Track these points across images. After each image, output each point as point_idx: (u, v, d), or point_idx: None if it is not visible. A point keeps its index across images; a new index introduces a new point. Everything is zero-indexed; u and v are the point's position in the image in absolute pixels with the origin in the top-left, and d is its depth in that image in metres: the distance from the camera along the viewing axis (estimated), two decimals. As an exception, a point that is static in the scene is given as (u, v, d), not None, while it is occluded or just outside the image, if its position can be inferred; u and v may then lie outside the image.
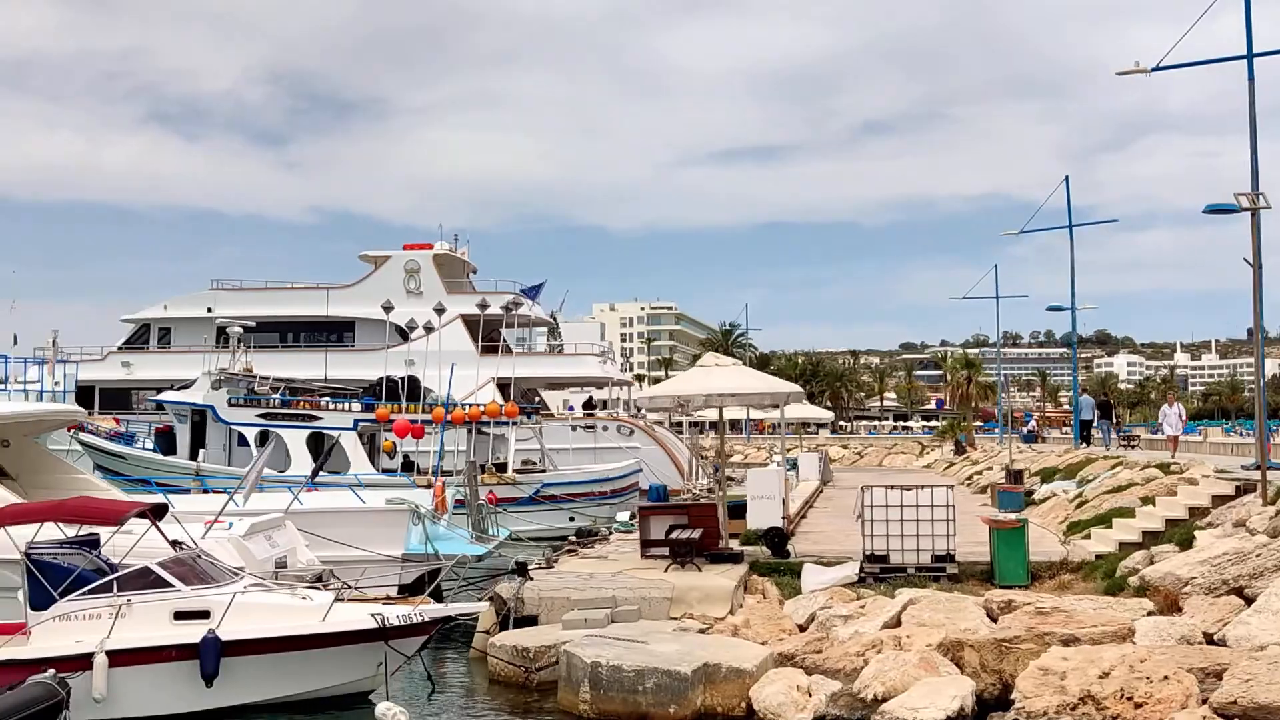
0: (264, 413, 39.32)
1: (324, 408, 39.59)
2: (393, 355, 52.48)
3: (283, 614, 13.93)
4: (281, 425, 39.11)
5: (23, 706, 11.80)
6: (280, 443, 38.51)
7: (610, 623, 16.10)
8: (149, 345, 55.08)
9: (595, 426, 50.01)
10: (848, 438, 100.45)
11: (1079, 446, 42.72)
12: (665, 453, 49.06)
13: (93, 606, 13.40)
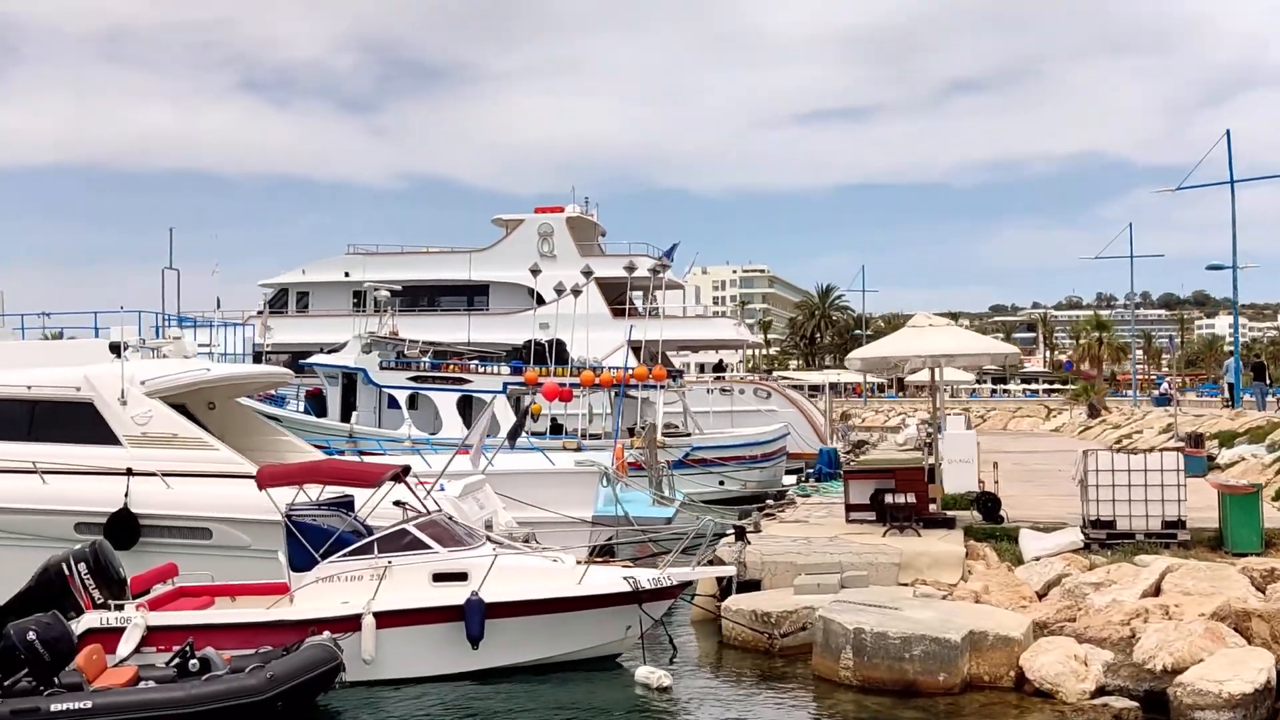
0: (414, 376, 39.58)
1: (473, 371, 39.72)
2: (529, 319, 52.77)
3: (538, 576, 13.84)
4: (432, 388, 39.36)
5: (308, 668, 11.84)
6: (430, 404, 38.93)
7: (841, 588, 15.78)
8: (288, 309, 55.87)
9: (731, 390, 49.56)
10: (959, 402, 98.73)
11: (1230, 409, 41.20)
12: (802, 416, 48.44)
13: (354, 568, 13.42)
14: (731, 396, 49.28)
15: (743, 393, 49.58)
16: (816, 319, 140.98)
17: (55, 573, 13.43)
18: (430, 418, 39.14)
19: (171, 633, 12.90)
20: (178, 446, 17.74)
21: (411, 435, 34.77)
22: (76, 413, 17.84)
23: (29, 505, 17.09)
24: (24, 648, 11.50)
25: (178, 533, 17.10)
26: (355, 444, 34.82)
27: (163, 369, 18.80)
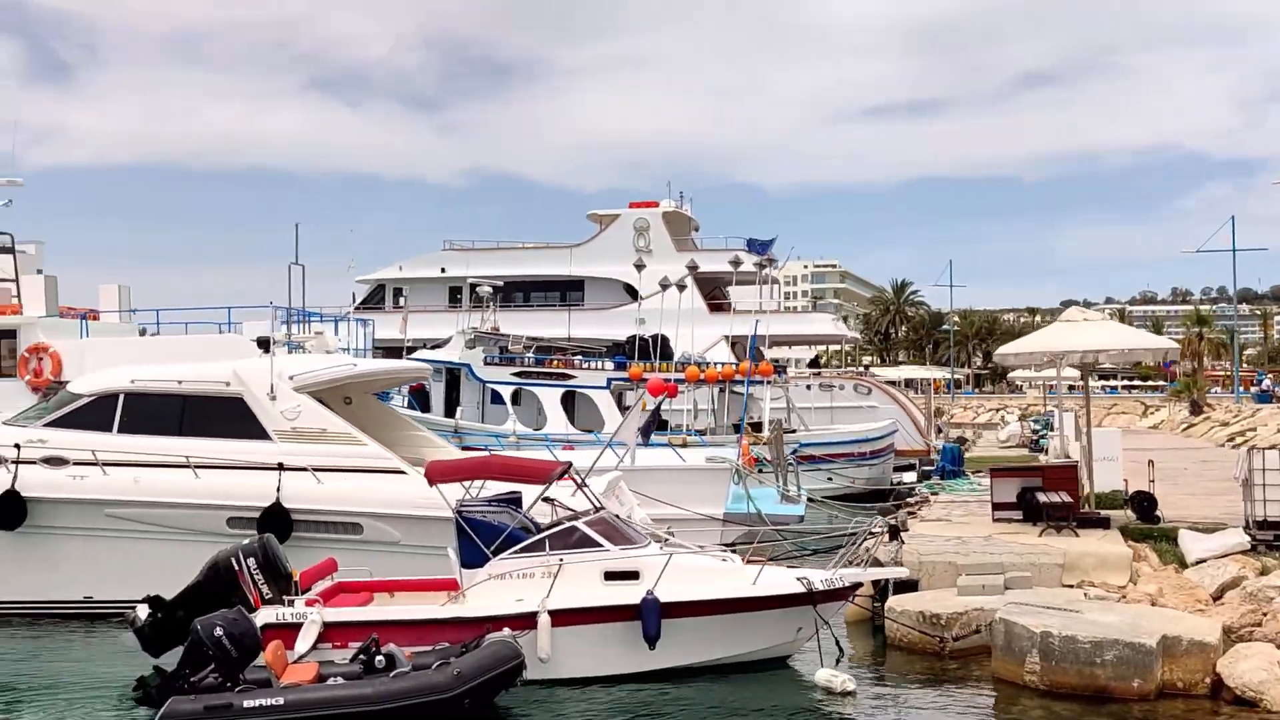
0: (519, 371, 39.53)
1: (577, 366, 39.61)
2: (624, 314, 52.64)
3: (710, 576, 13.58)
4: (536, 384, 39.29)
5: (493, 665, 11.70)
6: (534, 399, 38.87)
7: (1005, 589, 15.34)
8: (384, 305, 56.29)
9: (831, 385, 48.99)
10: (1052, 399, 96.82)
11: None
12: (904, 412, 47.75)
13: (526, 565, 13.26)
14: (831, 392, 48.70)
15: (842, 388, 48.97)
16: (891, 314, 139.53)
17: (225, 567, 13.46)
18: (533, 413, 39.10)
19: (347, 629, 12.83)
20: (327, 441, 17.75)
21: (516, 431, 34.74)
22: (226, 407, 17.93)
23: (182, 499, 17.21)
24: (211, 643, 11.50)
25: (329, 528, 17.12)
26: (460, 440, 34.93)
27: (310, 364, 18.86)
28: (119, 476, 17.31)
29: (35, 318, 24.65)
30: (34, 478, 17.27)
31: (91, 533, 17.36)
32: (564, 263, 53.90)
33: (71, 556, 17.42)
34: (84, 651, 15.96)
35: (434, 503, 17.17)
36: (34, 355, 24.34)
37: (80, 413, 18.02)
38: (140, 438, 17.73)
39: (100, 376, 18.54)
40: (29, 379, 24.35)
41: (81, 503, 17.27)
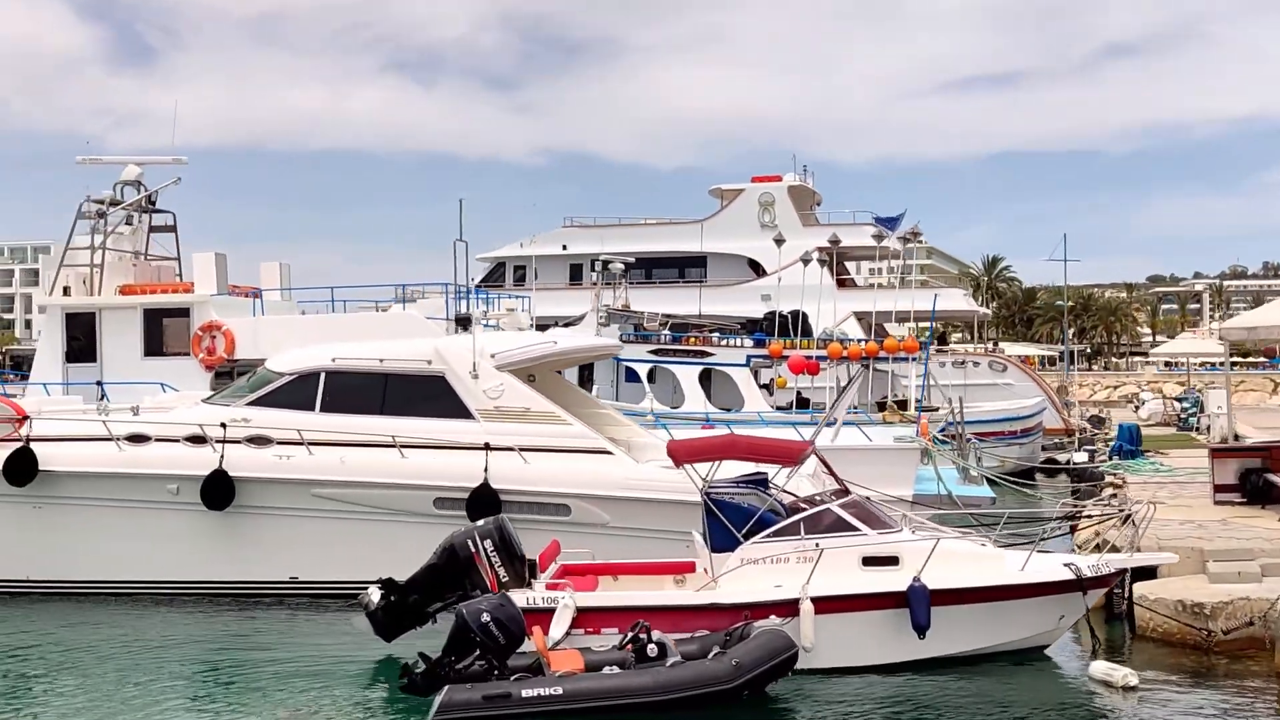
0: (655, 349, 39.14)
1: (715, 343, 39.06)
2: (749, 290, 51.95)
3: (971, 562, 12.94)
4: (673, 361, 38.83)
5: (770, 655, 11.20)
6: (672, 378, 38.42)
7: (1263, 576, 14.49)
8: (504, 282, 56.23)
9: (966, 363, 47.85)
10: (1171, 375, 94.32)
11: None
12: (1041, 390, 46.46)
13: (780, 550, 12.73)
14: (965, 370, 47.55)
15: (977, 365, 47.81)
16: (983, 290, 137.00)
17: (462, 550, 13.12)
18: (669, 391, 38.65)
19: (600, 614, 12.42)
20: (530, 421, 17.39)
21: (654, 409, 34.28)
22: (428, 386, 17.64)
23: (389, 480, 16.97)
24: (479, 630, 11.15)
25: (536, 509, 16.75)
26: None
27: (511, 342, 18.49)
28: (325, 456, 17.13)
29: (208, 295, 24.68)
30: (240, 457, 17.16)
31: (297, 513, 17.21)
32: (686, 238, 53.31)
33: (277, 537, 17.29)
34: (309, 632, 15.82)
35: (643, 484, 16.86)
36: (207, 333, 24.36)
37: (281, 391, 17.87)
38: (342, 416, 17.52)
39: (301, 355, 18.37)
40: (202, 357, 24.39)
41: (288, 482, 17.12)
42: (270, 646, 15.07)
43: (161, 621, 16.58)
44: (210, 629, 16.19)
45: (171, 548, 17.44)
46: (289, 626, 16.28)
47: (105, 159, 26.39)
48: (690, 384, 38.34)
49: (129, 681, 13.53)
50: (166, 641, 15.49)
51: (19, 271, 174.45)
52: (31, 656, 14.79)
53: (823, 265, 38.76)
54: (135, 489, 17.35)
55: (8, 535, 17.63)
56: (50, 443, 17.47)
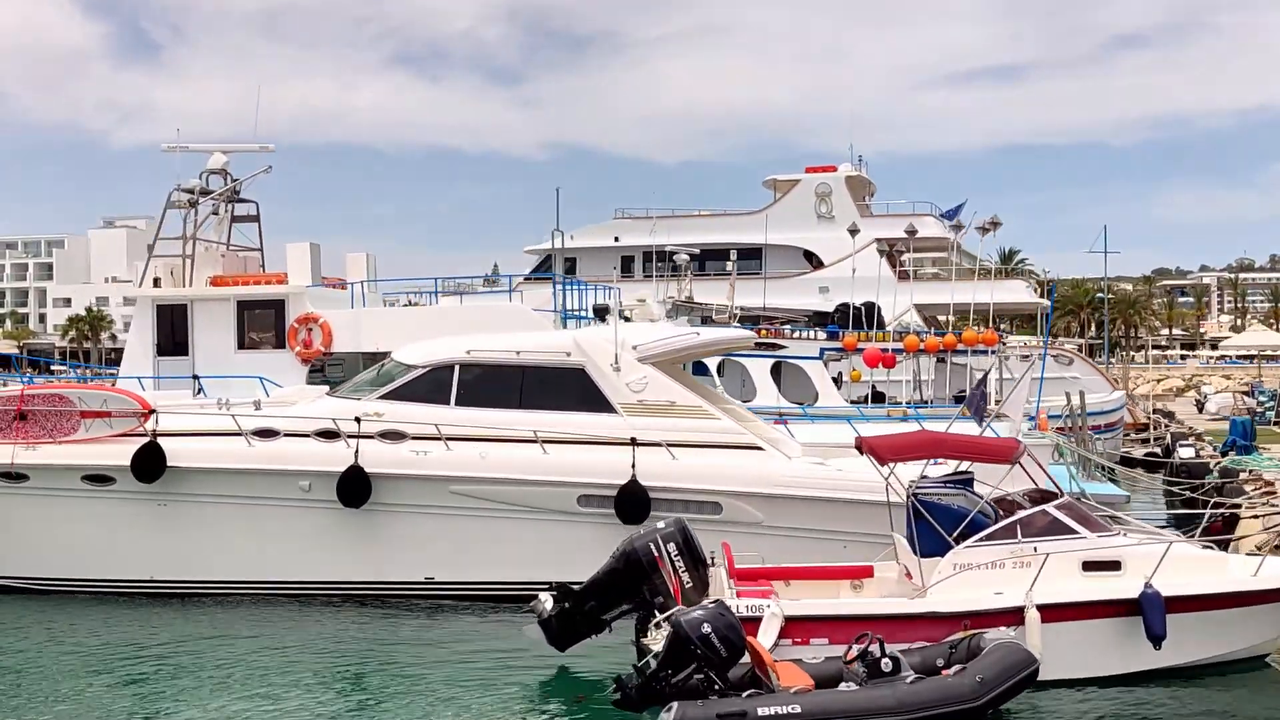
0: (726, 341, 38.30)
1: (788, 335, 38.30)
2: (805, 282, 51.17)
3: (1196, 566, 12.22)
4: (744, 354, 38.04)
5: (1013, 671, 10.47)
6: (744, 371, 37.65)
7: None
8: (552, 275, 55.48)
9: (1030, 355, 46.98)
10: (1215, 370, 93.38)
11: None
12: (1108, 384, 45.64)
13: (995, 555, 12.02)
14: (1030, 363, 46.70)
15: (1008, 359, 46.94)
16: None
17: (645, 554, 12.46)
18: (738, 384, 37.89)
19: (808, 623, 11.72)
20: (676, 415, 16.70)
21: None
22: (567, 379, 16.96)
23: (532, 476, 16.28)
24: (699, 641, 10.44)
25: (686, 507, 16.01)
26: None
27: (653, 333, 17.80)
28: (464, 452, 16.44)
29: (303, 287, 23.97)
30: (376, 453, 16.47)
31: (434, 510, 16.54)
32: (740, 230, 52.46)
33: (412, 535, 16.62)
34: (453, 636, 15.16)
35: (798, 481, 16.16)
36: (303, 326, 23.67)
37: (414, 385, 17.18)
38: (478, 411, 16.83)
39: (433, 347, 17.68)
40: (298, 350, 23.72)
41: (425, 479, 16.43)
42: (415, 652, 14.45)
43: (290, 623, 15.94)
44: (344, 632, 15.53)
45: (301, 547, 16.78)
46: (426, 629, 15.63)
47: (192, 146, 25.65)
48: (761, 377, 37.52)
49: (258, 687, 13.02)
50: (297, 645, 14.91)
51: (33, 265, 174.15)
52: (157, 660, 14.21)
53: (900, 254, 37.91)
54: (265, 486, 16.68)
55: (131, 534, 16.98)
56: (176, 438, 16.79)
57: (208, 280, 24.33)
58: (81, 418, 16.92)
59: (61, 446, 16.90)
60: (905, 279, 49.52)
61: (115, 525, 16.96)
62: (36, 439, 16.91)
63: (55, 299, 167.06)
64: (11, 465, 16.76)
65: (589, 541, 16.19)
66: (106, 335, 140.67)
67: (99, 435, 16.94)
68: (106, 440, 16.90)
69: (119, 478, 16.74)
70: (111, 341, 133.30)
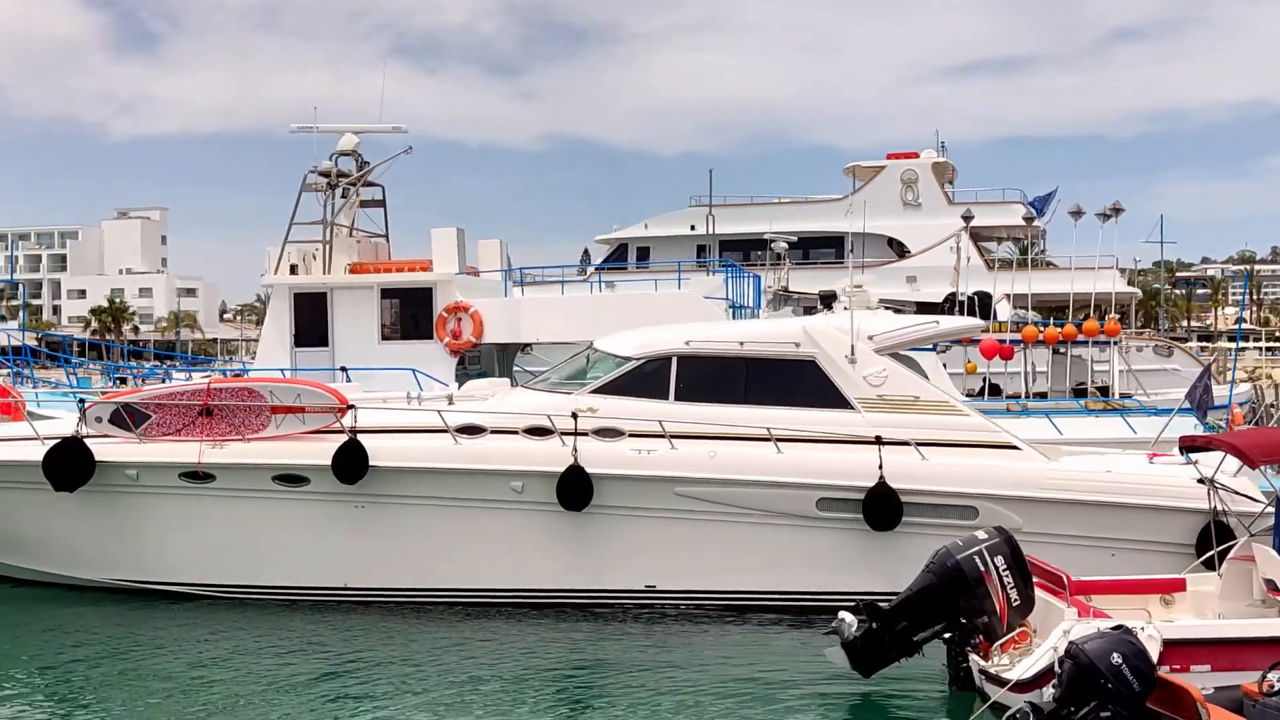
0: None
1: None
2: (890, 272, 49.87)
3: None
4: (853, 345, 36.82)
5: None
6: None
7: None
8: (627, 265, 54.31)
9: (1129, 347, 45.65)
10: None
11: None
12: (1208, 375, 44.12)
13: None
14: (1130, 354, 45.40)
15: (1141, 350, 45.63)
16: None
17: (969, 568, 11.22)
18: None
19: (1185, 648, 10.45)
20: (919, 411, 15.45)
21: None
22: (796, 372, 15.70)
23: (768, 478, 15.03)
24: (1109, 673, 9.16)
25: (939, 512, 14.83)
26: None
27: (889, 322, 16.57)
28: (691, 450, 15.19)
29: (451, 274, 22.73)
30: (596, 452, 15.23)
31: (656, 514, 15.29)
32: (820, 218, 51.20)
33: (632, 540, 15.39)
34: (686, 650, 13.98)
35: (1063, 483, 14.93)
36: (452, 315, 22.43)
37: (628, 378, 15.94)
38: (699, 406, 15.59)
39: (647, 337, 16.44)
40: (447, 341, 22.48)
41: (649, 480, 15.18)
42: (676, 671, 13.22)
43: (497, 634, 14.74)
44: (561, 644, 14.39)
45: (511, 553, 15.55)
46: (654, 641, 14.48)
47: (321, 127, 24.44)
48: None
49: (465, 703, 12.02)
50: (507, 658, 13.74)
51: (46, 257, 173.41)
52: (354, 673, 13.10)
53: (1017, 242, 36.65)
54: (472, 487, 15.44)
55: (325, 539, 15.77)
56: (375, 434, 15.56)
57: (346, 267, 23.09)
58: (272, 413, 15.69)
59: (250, 444, 15.68)
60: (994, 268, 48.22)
61: (308, 529, 15.76)
62: (224, 436, 15.69)
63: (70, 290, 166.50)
64: (199, 465, 15.53)
65: (827, 548, 15.07)
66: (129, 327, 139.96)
67: (290, 432, 15.72)
68: (299, 438, 15.68)
69: (314, 478, 15.53)
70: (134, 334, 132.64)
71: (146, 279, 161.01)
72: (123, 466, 15.70)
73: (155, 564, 16.06)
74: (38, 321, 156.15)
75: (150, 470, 15.72)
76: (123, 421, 15.80)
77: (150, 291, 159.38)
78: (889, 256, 50.15)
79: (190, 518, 15.81)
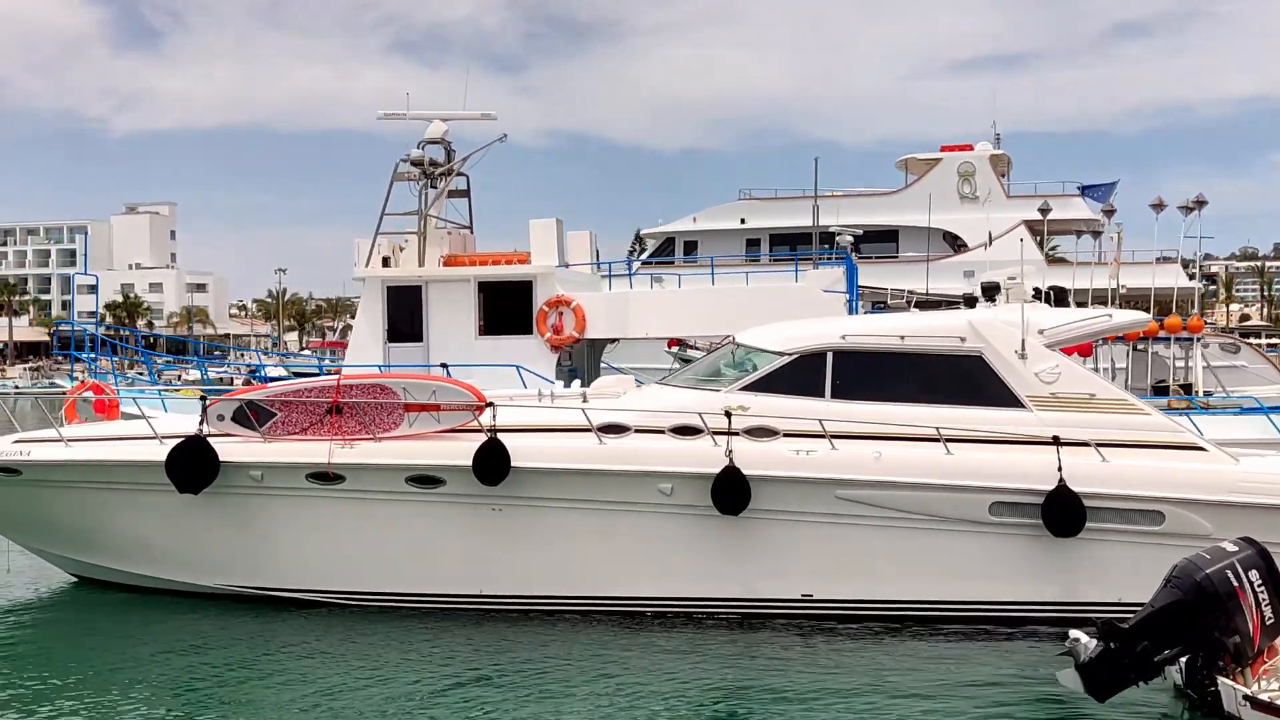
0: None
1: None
2: (946, 266, 49.00)
3: None
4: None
5: None
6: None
7: None
8: (674, 259, 53.50)
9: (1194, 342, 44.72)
10: None
11: None
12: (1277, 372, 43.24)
13: None
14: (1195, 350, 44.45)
15: (1207, 346, 44.63)
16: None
17: (1221, 584, 10.36)
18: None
19: None
20: (1097, 410, 14.56)
21: None
22: (961, 368, 14.83)
23: (937, 480, 14.15)
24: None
25: (1123, 517, 13.96)
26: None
27: (1061, 316, 15.66)
28: (853, 451, 14.31)
29: (551, 266, 21.85)
30: (751, 453, 14.35)
31: (815, 519, 14.42)
32: (875, 211, 50.34)
33: (789, 546, 14.52)
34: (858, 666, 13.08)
35: (1260, 486, 14.06)
36: (553, 309, 21.55)
37: (780, 374, 15.06)
38: (859, 404, 14.72)
39: (798, 331, 15.58)
40: (549, 336, 21.60)
41: (809, 482, 14.31)
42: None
43: (642, 645, 13.86)
44: (712, 656, 13.43)
45: (658, 559, 14.69)
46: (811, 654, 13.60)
47: (409, 115, 23.57)
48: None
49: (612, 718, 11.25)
50: (654, 670, 12.88)
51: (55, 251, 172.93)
52: (490, 685, 12.35)
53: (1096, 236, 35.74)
54: (617, 489, 14.57)
55: (460, 543, 14.92)
56: (514, 433, 14.70)
57: (440, 260, 22.23)
58: (405, 411, 14.84)
59: (383, 444, 14.83)
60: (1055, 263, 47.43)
61: (442, 533, 14.91)
62: (354, 435, 14.85)
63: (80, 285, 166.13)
64: (328, 465, 14.69)
65: (999, 555, 14.20)
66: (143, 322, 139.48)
67: (423, 431, 14.87)
68: (433, 437, 14.84)
69: (450, 479, 14.68)
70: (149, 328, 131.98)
71: (156, 274, 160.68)
72: (247, 467, 14.88)
73: (281, 570, 15.23)
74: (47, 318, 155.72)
75: (276, 471, 14.89)
76: (246, 420, 14.99)
77: (160, 287, 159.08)
78: (944, 250, 49.27)
79: (318, 521, 14.99)
